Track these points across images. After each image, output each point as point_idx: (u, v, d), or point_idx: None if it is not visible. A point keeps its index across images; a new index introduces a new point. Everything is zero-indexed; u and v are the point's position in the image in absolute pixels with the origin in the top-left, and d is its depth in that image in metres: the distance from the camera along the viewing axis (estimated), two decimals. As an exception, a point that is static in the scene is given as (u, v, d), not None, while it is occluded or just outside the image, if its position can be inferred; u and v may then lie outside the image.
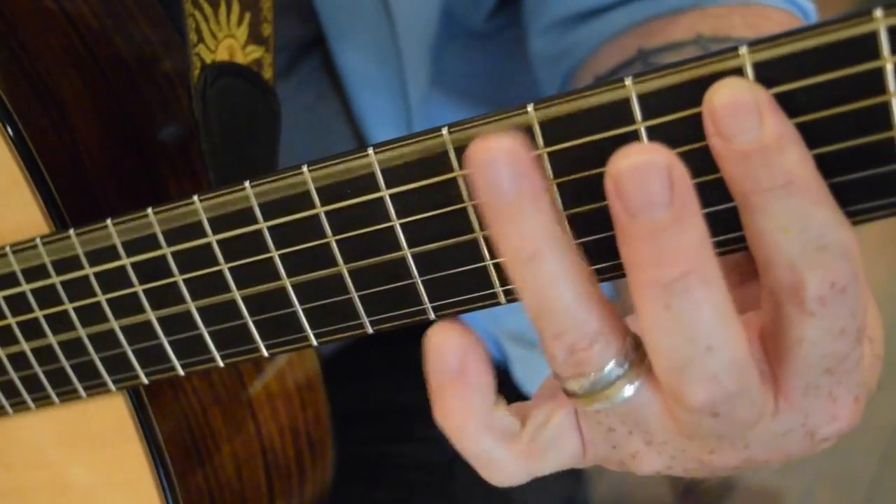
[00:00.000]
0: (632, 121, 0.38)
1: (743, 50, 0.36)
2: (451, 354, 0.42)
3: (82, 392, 0.58)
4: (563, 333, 0.40)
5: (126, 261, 0.52)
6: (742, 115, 0.36)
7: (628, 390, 0.42)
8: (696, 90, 0.37)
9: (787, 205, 0.36)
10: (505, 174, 0.37)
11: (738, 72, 0.36)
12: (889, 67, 0.33)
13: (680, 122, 0.38)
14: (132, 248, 0.52)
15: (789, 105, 0.36)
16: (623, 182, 0.36)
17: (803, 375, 0.40)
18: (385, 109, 0.79)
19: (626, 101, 0.38)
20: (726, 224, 0.39)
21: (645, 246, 0.36)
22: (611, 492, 1.89)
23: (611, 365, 0.41)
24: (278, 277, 0.49)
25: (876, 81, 0.34)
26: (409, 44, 0.77)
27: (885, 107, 0.34)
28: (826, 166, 0.36)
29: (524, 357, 0.94)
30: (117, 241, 0.52)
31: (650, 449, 0.44)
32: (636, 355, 0.41)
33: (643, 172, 0.35)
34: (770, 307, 0.39)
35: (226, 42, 0.61)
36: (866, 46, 0.34)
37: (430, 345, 0.42)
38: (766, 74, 0.36)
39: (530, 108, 0.40)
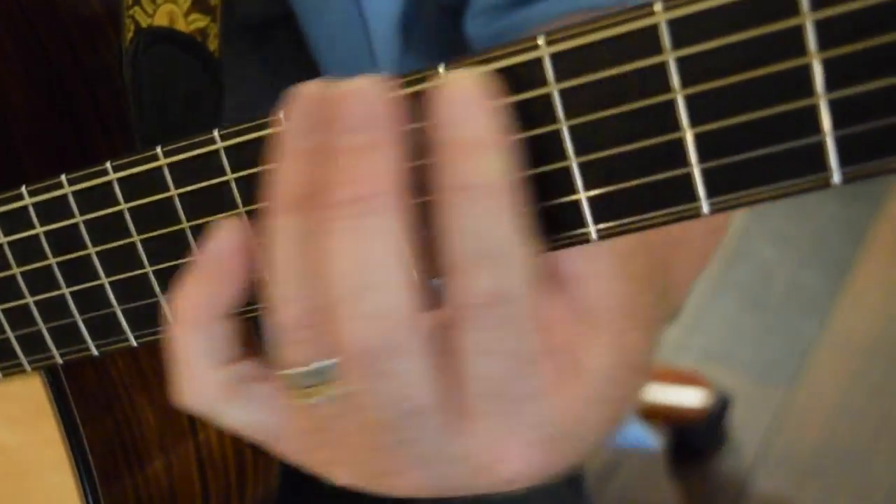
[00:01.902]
0: (545, 82, 0.37)
1: (658, 7, 0.34)
2: (232, 246, 0.44)
3: (-3, 371, 0.56)
4: (292, 301, 0.41)
5: (40, 230, 0.51)
6: (460, 107, 0.37)
7: (336, 389, 0.42)
8: (613, 49, 0.35)
9: (470, 207, 0.37)
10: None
11: (654, 30, 0.34)
12: (808, 25, 0.31)
13: (591, 86, 0.36)
14: (47, 216, 0.50)
15: (705, 66, 0.34)
16: (339, 100, 0.38)
17: (471, 394, 0.40)
18: None
19: (538, 62, 0.36)
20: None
21: (328, 165, 0.38)
22: (617, 500, 1.88)
23: (326, 361, 0.41)
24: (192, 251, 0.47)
25: (795, 41, 0.32)
26: (378, 19, 0.77)
27: (806, 69, 0.32)
28: (741, 138, 0.34)
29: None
30: (31, 210, 0.50)
31: (335, 453, 0.44)
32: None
33: (352, 96, 0.38)
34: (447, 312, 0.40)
35: (166, 7, 0.59)
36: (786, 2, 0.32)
37: (221, 232, 0.44)
38: (683, 32, 0.34)
39: (441, 68, 0.39)
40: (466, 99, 0.37)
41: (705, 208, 0.35)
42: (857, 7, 0.31)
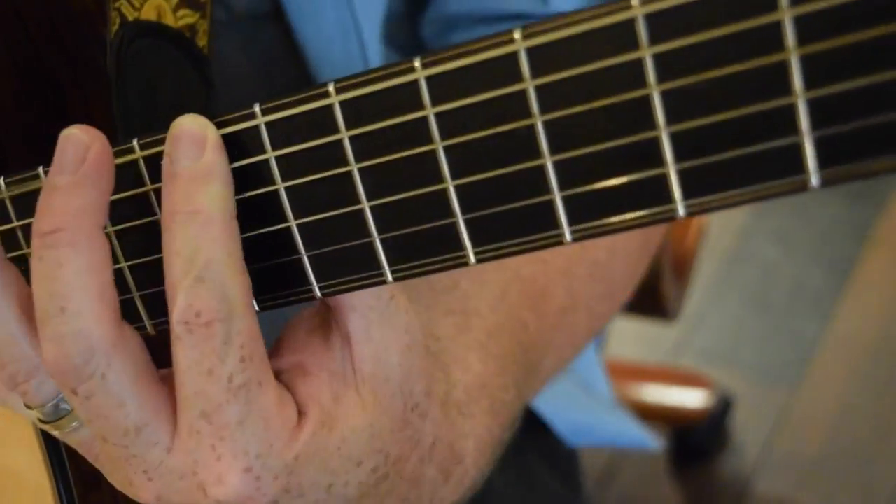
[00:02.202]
0: (520, 78, 0.36)
1: (635, 1, 0.33)
2: None
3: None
4: (4, 365, 0.47)
5: (17, 223, 0.50)
6: (188, 144, 0.42)
7: (76, 425, 0.48)
8: (589, 44, 0.34)
9: (186, 231, 0.42)
10: None
11: (631, 24, 0.33)
12: (787, 20, 0.30)
13: (567, 81, 0.35)
14: (25, 209, 0.50)
15: (682, 62, 0.33)
16: (59, 144, 0.44)
17: (184, 411, 0.44)
18: None
19: (513, 56, 0.36)
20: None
21: (41, 199, 0.44)
22: (617, 502, 1.88)
23: (55, 400, 0.47)
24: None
25: (773, 37, 0.31)
26: (368, 21, 0.76)
27: (784, 66, 0.31)
28: (717, 137, 0.33)
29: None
30: (8, 202, 0.50)
31: (100, 467, 0.49)
32: None
33: (66, 141, 0.44)
34: None
35: (154, 1, 0.58)
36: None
37: None
38: (659, 27, 0.33)
39: (416, 62, 0.38)
40: (183, 138, 0.42)
41: (681, 210, 0.34)
42: (838, 2, 0.30)
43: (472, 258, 0.39)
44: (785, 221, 2.23)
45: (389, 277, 0.41)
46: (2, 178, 0.50)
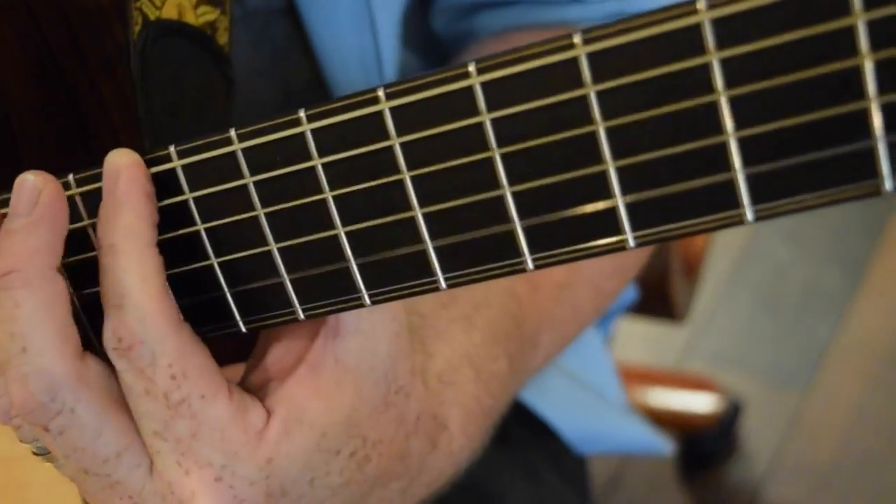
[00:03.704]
0: (580, 83, 0.37)
1: (701, 4, 0.34)
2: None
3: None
4: None
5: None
6: (105, 180, 0.46)
7: None
8: (653, 49, 0.35)
9: (106, 261, 0.46)
10: None
11: (697, 29, 0.34)
12: (860, 25, 0.31)
13: (630, 87, 0.36)
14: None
15: (750, 67, 0.34)
16: (13, 190, 0.46)
17: (142, 432, 0.47)
18: (357, 81, 0.78)
19: (574, 62, 0.37)
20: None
21: None
22: (626, 504, 1.89)
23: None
24: (206, 257, 0.47)
25: (846, 42, 0.32)
26: (384, 15, 0.77)
27: (857, 71, 0.32)
28: (787, 142, 0.34)
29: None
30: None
31: (90, 498, 0.51)
32: None
33: (20, 186, 0.46)
34: None
35: None
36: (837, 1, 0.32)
37: None
38: (726, 32, 0.34)
39: (471, 66, 0.39)
40: (108, 173, 0.46)
41: (749, 215, 0.35)
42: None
43: (531, 265, 0.40)
44: (797, 220, 2.23)
45: (443, 285, 0.42)
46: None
